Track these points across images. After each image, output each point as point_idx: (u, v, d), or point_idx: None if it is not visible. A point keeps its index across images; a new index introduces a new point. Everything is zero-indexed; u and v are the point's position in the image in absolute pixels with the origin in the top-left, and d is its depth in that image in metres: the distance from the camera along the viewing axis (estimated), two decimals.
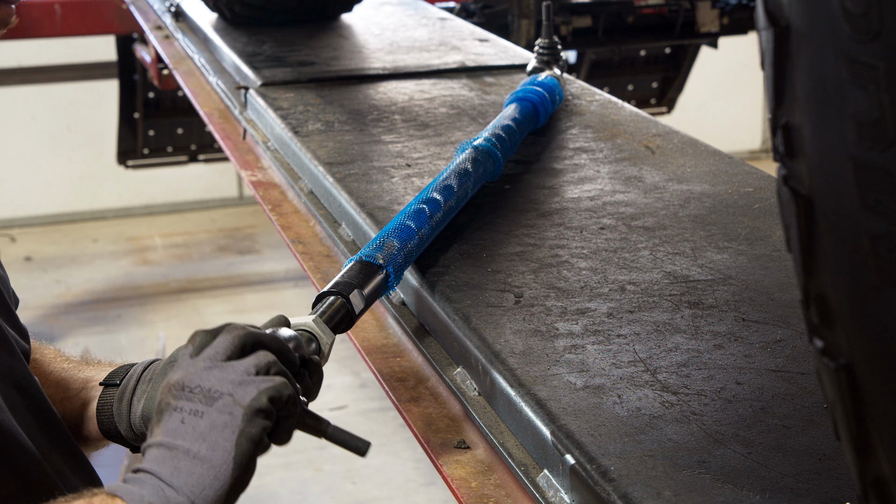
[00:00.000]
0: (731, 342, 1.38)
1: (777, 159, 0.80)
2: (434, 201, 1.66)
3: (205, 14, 3.39)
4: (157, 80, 4.33)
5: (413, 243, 1.56)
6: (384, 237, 1.54)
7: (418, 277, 1.58)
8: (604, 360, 1.34)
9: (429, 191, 1.68)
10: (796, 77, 0.75)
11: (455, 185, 1.72)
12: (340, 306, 1.37)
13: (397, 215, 1.62)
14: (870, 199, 0.72)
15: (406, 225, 1.58)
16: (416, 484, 4.11)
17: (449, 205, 1.68)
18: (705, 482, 1.10)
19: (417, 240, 1.57)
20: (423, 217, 1.61)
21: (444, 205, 1.67)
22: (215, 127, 2.72)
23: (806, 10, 0.74)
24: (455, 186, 1.72)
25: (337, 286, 1.39)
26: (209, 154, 5.43)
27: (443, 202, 1.67)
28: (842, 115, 0.72)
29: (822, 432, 1.17)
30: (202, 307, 5.60)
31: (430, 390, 1.48)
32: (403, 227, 1.57)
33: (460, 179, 1.75)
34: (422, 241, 1.59)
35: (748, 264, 1.60)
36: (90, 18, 4.79)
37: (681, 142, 2.17)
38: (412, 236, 1.56)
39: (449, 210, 1.69)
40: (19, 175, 6.51)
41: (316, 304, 1.38)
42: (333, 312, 1.36)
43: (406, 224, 1.58)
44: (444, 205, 1.67)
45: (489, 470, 1.30)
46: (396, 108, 2.44)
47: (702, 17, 4.65)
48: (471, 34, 3.15)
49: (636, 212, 1.81)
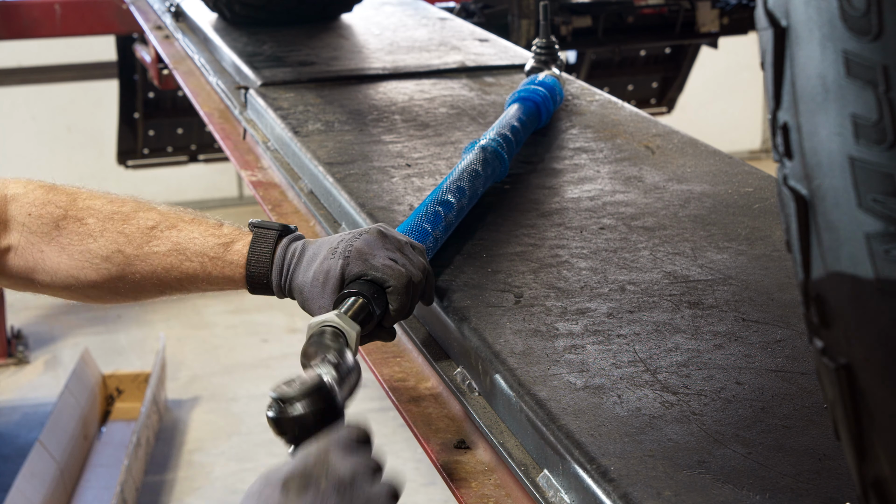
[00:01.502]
0: (731, 342, 1.38)
1: (777, 159, 0.80)
2: (447, 203, 1.66)
3: (205, 14, 3.39)
4: (157, 80, 4.32)
5: (430, 246, 1.56)
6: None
7: None
8: (604, 360, 1.34)
9: (442, 192, 1.68)
10: (796, 77, 0.75)
11: (467, 186, 1.73)
12: (362, 306, 1.33)
13: (411, 216, 1.62)
14: (869, 199, 0.72)
15: (423, 228, 1.58)
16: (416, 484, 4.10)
17: (461, 205, 1.69)
18: (705, 482, 1.10)
19: (433, 241, 1.58)
20: (439, 219, 1.62)
21: (456, 206, 1.67)
22: (215, 127, 2.72)
23: (806, 10, 0.74)
24: (467, 188, 1.72)
25: (357, 286, 1.36)
26: (209, 154, 5.43)
27: (455, 203, 1.67)
28: (841, 115, 0.73)
29: (822, 432, 1.17)
30: (202, 307, 5.60)
31: (430, 390, 1.48)
32: (420, 230, 1.57)
33: (472, 180, 1.75)
34: (437, 243, 1.59)
35: (748, 264, 1.60)
36: (90, 18, 4.79)
37: (681, 142, 2.17)
38: (427, 238, 1.56)
39: (460, 211, 1.69)
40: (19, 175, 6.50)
41: (337, 305, 1.34)
42: (357, 311, 1.32)
43: (423, 227, 1.58)
44: (457, 206, 1.67)
45: (489, 470, 1.30)
46: (396, 108, 2.44)
47: (702, 17, 4.65)
48: (471, 34, 3.16)
49: (636, 212, 1.81)
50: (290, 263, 1.41)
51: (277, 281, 1.42)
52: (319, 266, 1.38)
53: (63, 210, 1.45)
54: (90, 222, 1.44)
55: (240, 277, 1.43)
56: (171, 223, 1.44)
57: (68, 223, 1.44)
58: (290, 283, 1.41)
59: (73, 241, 1.43)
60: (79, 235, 1.43)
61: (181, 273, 1.43)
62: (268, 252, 1.41)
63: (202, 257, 1.42)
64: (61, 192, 1.46)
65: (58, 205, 1.45)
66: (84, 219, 1.44)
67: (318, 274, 1.37)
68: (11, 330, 5.19)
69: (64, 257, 1.44)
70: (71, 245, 1.43)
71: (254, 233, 1.43)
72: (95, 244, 1.43)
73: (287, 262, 1.41)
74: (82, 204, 1.45)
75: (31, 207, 1.45)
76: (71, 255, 1.44)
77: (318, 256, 1.39)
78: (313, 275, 1.38)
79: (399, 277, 1.35)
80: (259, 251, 1.41)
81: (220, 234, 1.43)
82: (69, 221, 1.44)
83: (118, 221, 1.44)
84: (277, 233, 1.42)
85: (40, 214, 1.44)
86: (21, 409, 4.71)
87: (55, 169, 6.59)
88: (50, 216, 1.44)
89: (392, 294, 1.35)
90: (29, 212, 1.44)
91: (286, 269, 1.41)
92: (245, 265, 1.41)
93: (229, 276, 1.43)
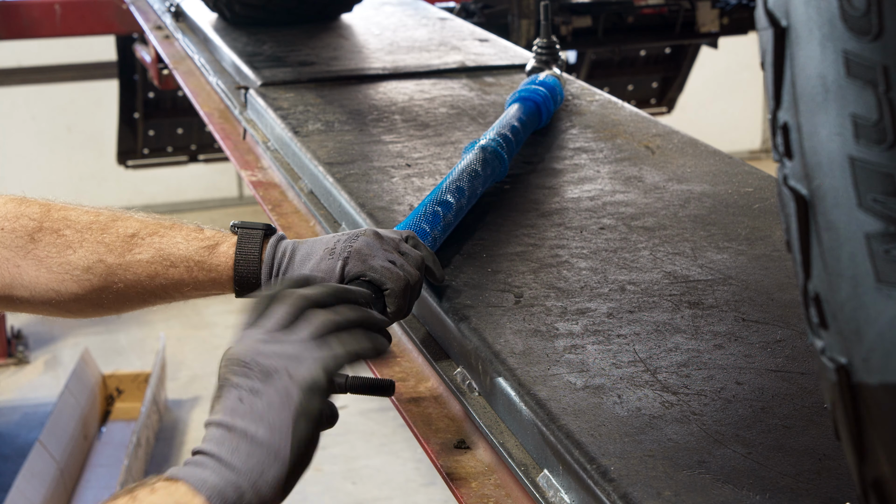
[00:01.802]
0: (731, 342, 1.38)
1: (777, 159, 0.80)
2: (446, 203, 1.66)
3: (205, 14, 3.39)
4: (157, 80, 4.33)
5: (429, 246, 1.56)
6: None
7: None
8: (604, 360, 1.34)
9: (441, 192, 1.68)
10: (796, 77, 0.75)
11: (466, 186, 1.72)
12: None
13: (409, 216, 1.62)
14: (869, 199, 0.72)
15: (421, 228, 1.58)
16: (416, 484, 4.11)
17: (460, 205, 1.69)
18: (705, 482, 1.10)
19: (431, 241, 1.58)
20: (437, 219, 1.62)
21: (455, 206, 1.67)
22: (215, 127, 2.72)
23: (806, 10, 0.74)
24: (466, 188, 1.72)
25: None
26: (209, 154, 5.43)
27: (454, 203, 1.67)
28: (841, 115, 0.73)
29: (822, 432, 1.17)
30: (202, 307, 5.59)
31: (430, 390, 1.48)
32: (419, 230, 1.57)
33: (471, 180, 1.75)
34: (435, 243, 1.59)
35: (748, 264, 1.60)
36: (90, 18, 4.79)
37: (681, 142, 2.17)
38: (425, 238, 1.57)
39: (459, 211, 1.69)
40: (19, 175, 6.50)
41: None
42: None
43: (421, 227, 1.58)
44: (456, 206, 1.67)
45: (489, 470, 1.30)
46: (396, 108, 2.45)
47: (702, 17, 4.65)
48: (471, 34, 3.16)
49: (636, 212, 1.81)
50: (282, 262, 1.39)
51: (267, 280, 1.39)
52: (316, 266, 1.36)
53: (37, 222, 1.39)
54: (67, 233, 1.39)
55: (227, 279, 1.40)
56: (152, 230, 1.41)
57: (44, 235, 1.39)
58: None
59: (50, 254, 1.39)
60: (56, 247, 1.39)
61: (166, 279, 1.40)
62: (255, 251, 1.39)
63: (187, 262, 1.39)
64: (33, 204, 1.41)
65: (31, 217, 1.39)
66: (60, 230, 1.39)
67: (316, 274, 1.37)
68: (11, 330, 5.20)
69: (42, 270, 1.39)
70: (49, 258, 1.39)
71: (238, 233, 1.40)
72: (75, 255, 1.39)
73: (277, 261, 1.39)
74: (56, 215, 1.41)
75: (2, 221, 1.39)
76: (49, 267, 1.39)
77: (313, 256, 1.37)
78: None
79: (397, 281, 1.35)
80: (246, 251, 1.39)
81: (203, 238, 1.41)
82: (45, 233, 1.39)
83: (97, 231, 1.40)
84: (262, 232, 1.40)
85: (13, 228, 1.39)
86: (21, 409, 4.71)
87: (55, 169, 6.59)
88: (24, 229, 1.39)
89: (390, 297, 1.34)
90: (2, 226, 1.39)
91: (276, 268, 1.39)
92: (233, 266, 1.39)
93: (215, 278, 1.40)
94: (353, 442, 4.38)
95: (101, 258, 1.39)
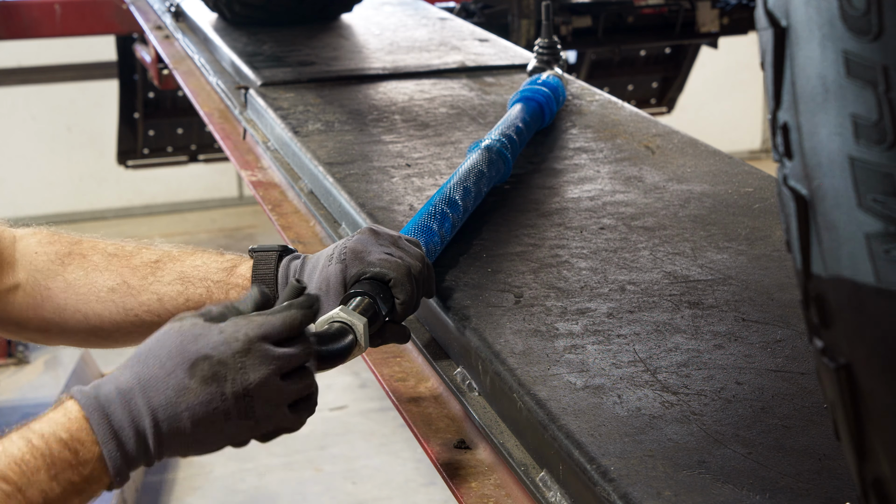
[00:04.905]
0: (731, 342, 1.38)
1: (777, 159, 0.80)
2: (454, 203, 1.66)
3: (205, 14, 3.39)
4: (157, 80, 4.33)
5: (435, 246, 1.56)
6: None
7: None
8: (604, 360, 1.34)
9: (448, 192, 1.68)
10: (796, 77, 0.75)
11: (472, 186, 1.72)
12: (368, 305, 1.31)
13: (416, 216, 1.61)
14: (869, 199, 0.72)
15: (430, 227, 1.58)
16: (416, 484, 4.11)
17: (466, 205, 1.69)
18: (705, 482, 1.10)
19: (439, 241, 1.58)
20: (447, 219, 1.61)
21: (462, 206, 1.67)
22: (215, 127, 2.72)
23: (806, 10, 0.74)
24: (472, 188, 1.72)
25: (360, 287, 1.35)
26: (209, 154, 5.43)
27: (461, 204, 1.67)
28: (841, 115, 0.73)
29: (822, 432, 1.17)
30: None
31: (430, 390, 1.48)
32: (427, 229, 1.57)
33: (477, 181, 1.75)
34: (442, 243, 1.59)
35: (748, 264, 1.60)
36: (90, 18, 4.79)
37: (681, 142, 2.17)
38: (433, 237, 1.56)
39: (465, 212, 1.69)
40: (19, 175, 6.51)
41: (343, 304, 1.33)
42: (363, 309, 1.30)
43: (430, 226, 1.58)
44: (463, 206, 1.67)
45: (489, 470, 1.30)
46: (396, 108, 2.45)
47: (702, 17, 4.65)
48: (471, 34, 3.16)
49: (636, 212, 1.81)
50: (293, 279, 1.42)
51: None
52: (320, 275, 1.39)
53: (68, 248, 1.49)
54: (95, 258, 1.48)
55: None
56: (175, 256, 1.48)
57: (73, 259, 1.48)
58: None
59: (78, 277, 1.47)
60: (84, 270, 1.47)
61: (186, 299, 1.45)
62: (271, 272, 1.43)
63: (206, 282, 1.45)
64: (65, 235, 1.52)
65: (62, 243, 1.50)
66: (88, 255, 1.48)
67: (320, 283, 1.38)
68: None
69: (70, 293, 1.47)
70: (77, 280, 1.47)
71: (254, 256, 1.46)
72: (101, 277, 1.47)
73: (289, 278, 1.43)
74: (87, 243, 1.50)
75: (37, 246, 1.49)
76: (77, 289, 1.47)
77: (318, 267, 1.41)
78: (316, 285, 1.39)
79: (398, 268, 1.36)
80: (262, 272, 1.44)
81: (223, 260, 1.47)
82: (74, 258, 1.48)
83: (122, 257, 1.48)
84: (278, 253, 1.45)
85: (46, 252, 1.49)
86: (21, 409, 4.71)
87: (55, 169, 6.59)
88: (56, 253, 1.48)
89: (395, 286, 1.35)
90: (35, 250, 1.49)
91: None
92: (250, 287, 1.43)
93: (234, 298, 1.44)
94: (353, 442, 4.38)
95: (125, 279, 1.46)
